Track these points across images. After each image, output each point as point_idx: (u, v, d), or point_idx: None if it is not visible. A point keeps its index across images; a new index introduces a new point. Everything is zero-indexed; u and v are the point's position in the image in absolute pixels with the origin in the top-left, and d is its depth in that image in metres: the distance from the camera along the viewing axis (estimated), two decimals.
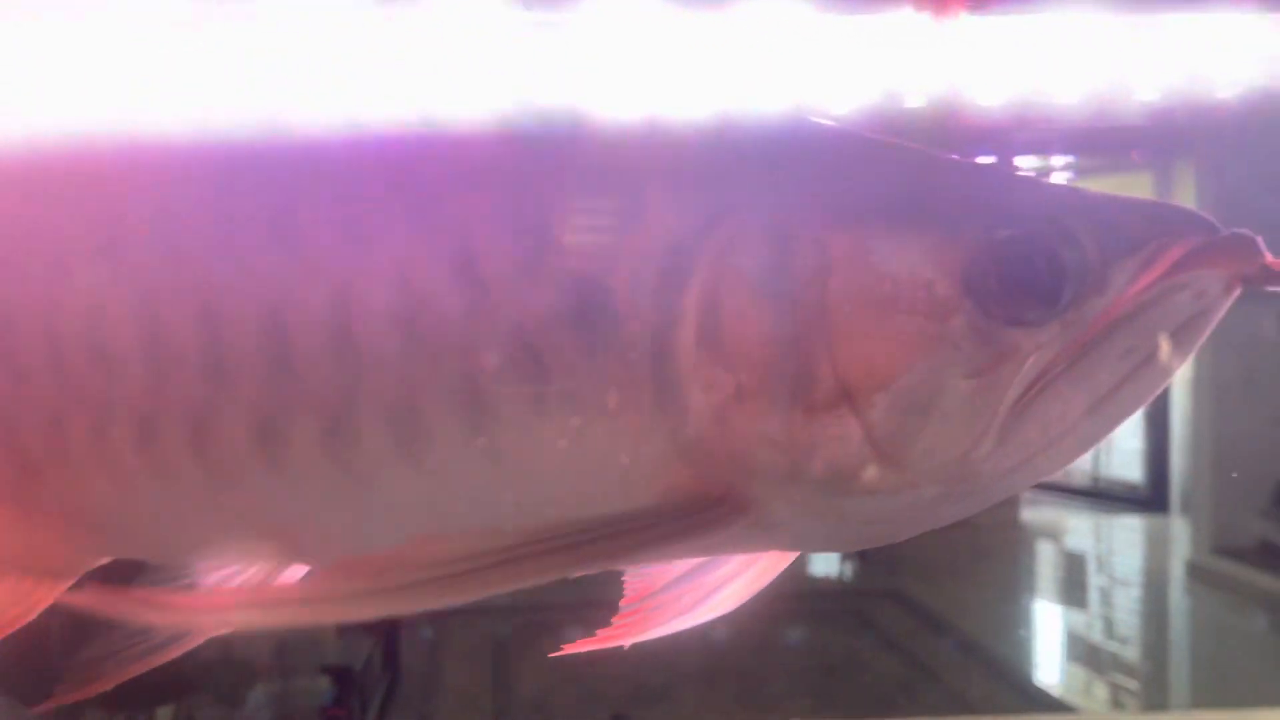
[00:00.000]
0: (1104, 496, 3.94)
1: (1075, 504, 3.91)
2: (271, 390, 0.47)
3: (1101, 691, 3.03)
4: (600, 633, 0.54)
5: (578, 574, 0.43)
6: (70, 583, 0.55)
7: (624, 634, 0.54)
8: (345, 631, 2.56)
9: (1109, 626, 3.18)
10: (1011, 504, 3.55)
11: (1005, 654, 3.17)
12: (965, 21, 0.51)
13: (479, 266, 0.44)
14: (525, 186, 0.45)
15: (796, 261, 0.41)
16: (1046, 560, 3.67)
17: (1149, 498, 3.76)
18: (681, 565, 0.52)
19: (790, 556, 0.51)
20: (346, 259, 0.46)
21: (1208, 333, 0.41)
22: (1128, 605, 3.22)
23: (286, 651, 2.25)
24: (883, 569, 3.65)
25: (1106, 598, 3.30)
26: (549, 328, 0.43)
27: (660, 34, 0.52)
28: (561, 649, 0.54)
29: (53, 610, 0.56)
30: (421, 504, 0.47)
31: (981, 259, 0.40)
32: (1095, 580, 3.39)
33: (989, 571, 3.57)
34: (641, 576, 0.53)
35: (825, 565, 3.74)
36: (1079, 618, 3.25)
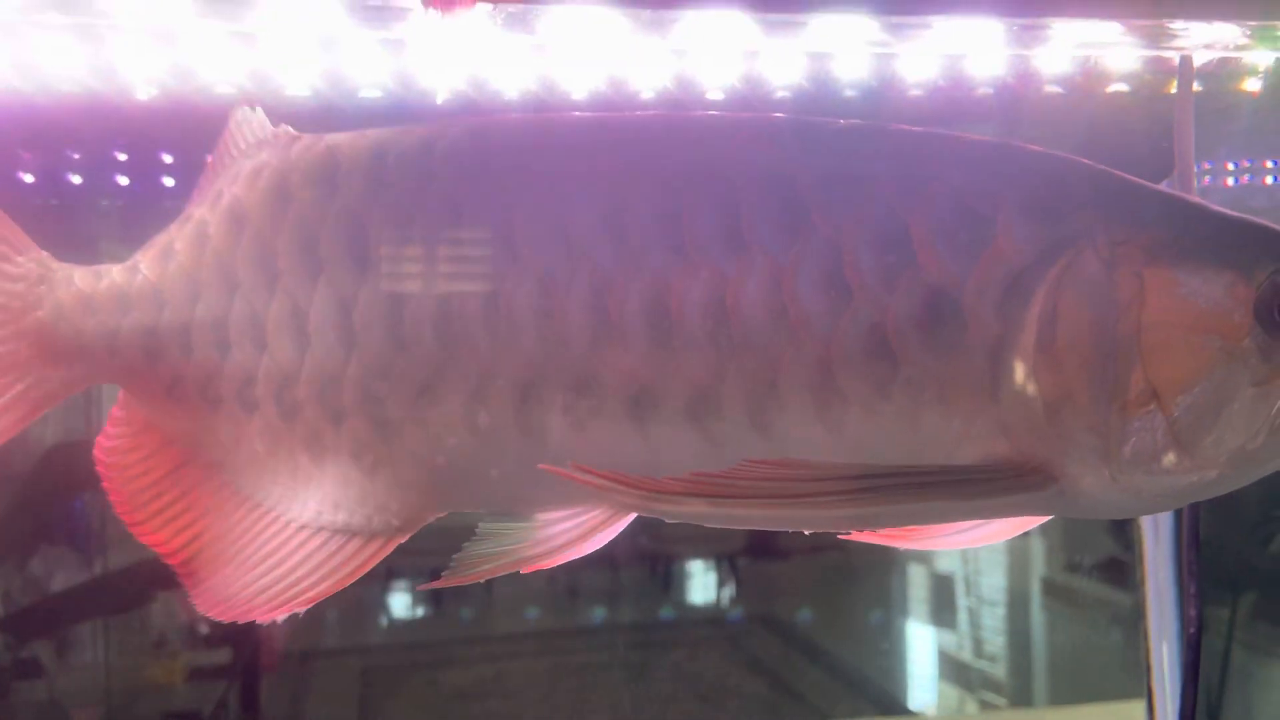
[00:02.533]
0: None
1: None
2: (648, 365, 0.55)
3: (971, 708, 3.11)
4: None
5: (901, 515, 0.53)
6: (400, 541, 0.64)
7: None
8: (194, 674, 2.47)
9: (977, 645, 3.26)
10: None
11: (872, 674, 3.23)
12: (477, 16, 0.54)
13: (845, 274, 0.53)
14: (892, 209, 0.54)
15: (1120, 290, 0.52)
16: (917, 582, 3.75)
17: None
18: None
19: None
20: (730, 258, 0.54)
21: None
22: (994, 624, 3.31)
23: (123, 697, 2.15)
24: (755, 593, 3.69)
25: (974, 617, 3.39)
26: (903, 328, 0.53)
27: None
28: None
29: None
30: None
31: (1269, 295, 0.51)
32: (964, 601, 3.48)
33: (860, 594, 3.64)
34: None
35: (700, 593, 3.76)
36: (948, 637, 3.33)
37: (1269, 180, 0.94)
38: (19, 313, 0.65)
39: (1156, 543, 0.84)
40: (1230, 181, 0.94)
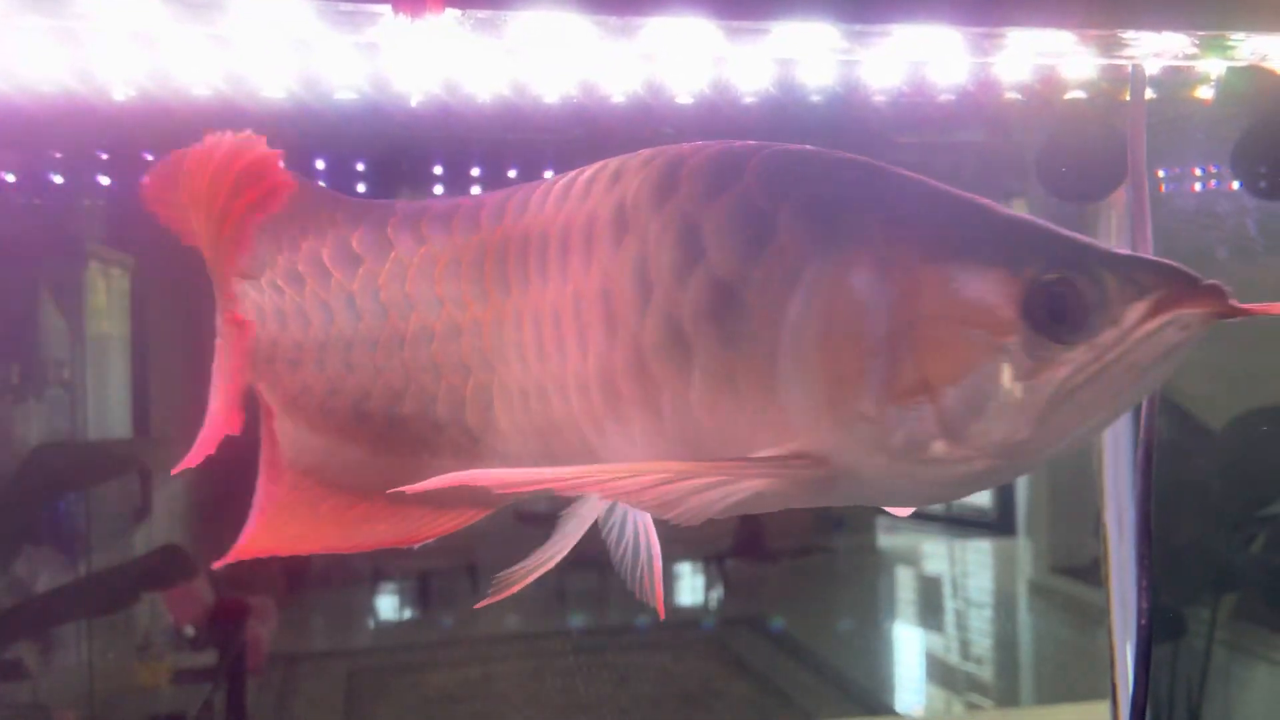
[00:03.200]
0: (956, 521, 4.06)
1: (930, 529, 4.02)
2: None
3: (958, 709, 3.13)
4: None
5: (705, 495, 0.55)
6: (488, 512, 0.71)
7: None
8: (181, 677, 2.46)
9: (964, 647, 3.27)
10: (868, 530, 3.65)
11: (859, 676, 3.24)
12: (446, 21, 0.55)
13: (649, 272, 0.58)
14: (689, 213, 0.58)
15: (894, 285, 0.54)
16: (904, 584, 3.76)
17: (997, 521, 3.89)
18: None
19: None
20: (566, 272, 0.61)
21: (1185, 354, 0.54)
22: (980, 626, 3.32)
23: (107, 701, 2.15)
24: (743, 596, 3.70)
25: (961, 619, 3.40)
26: (696, 320, 0.57)
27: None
28: None
29: None
30: (622, 449, 0.62)
31: (1035, 294, 0.53)
32: (950, 603, 3.50)
33: (847, 597, 3.65)
34: None
35: (688, 595, 3.77)
36: (935, 639, 3.35)
37: (1235, 185, 0.96)
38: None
39: (1120, 542, 0.84)
40: (1198, 187, 0.96)
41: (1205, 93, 0.71)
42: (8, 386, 1.73)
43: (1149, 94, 0.63)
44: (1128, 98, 0.65)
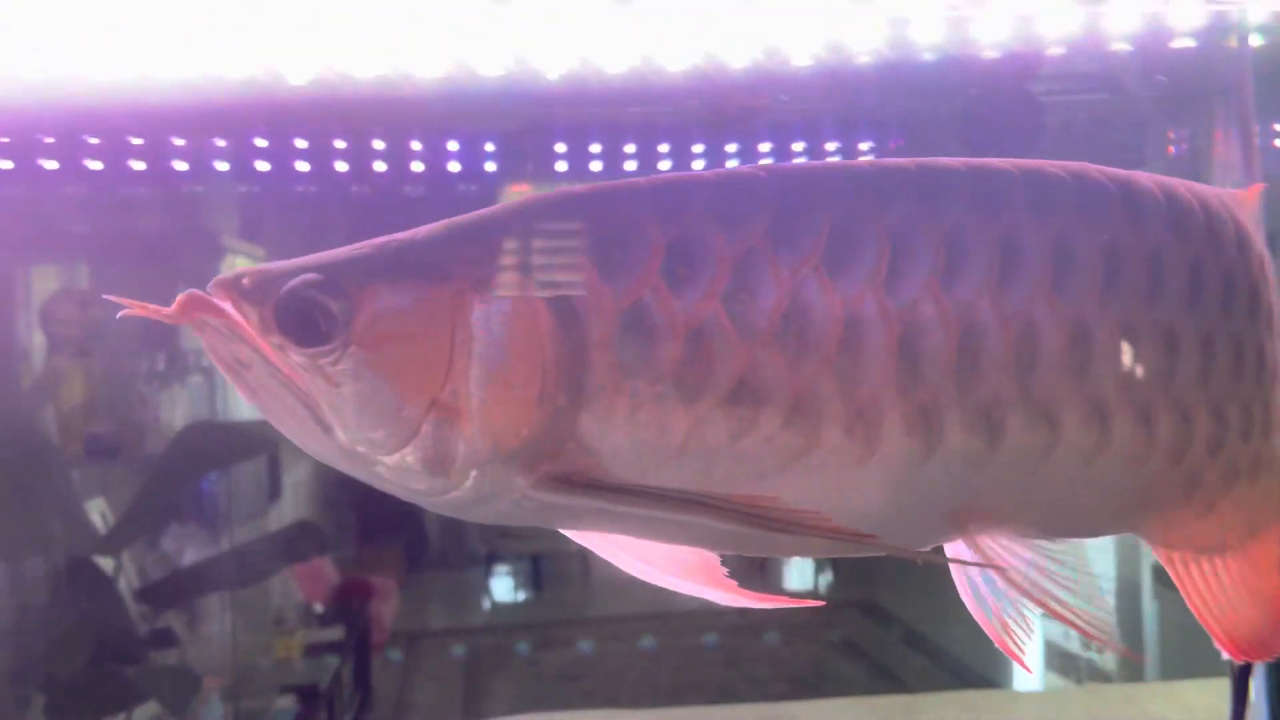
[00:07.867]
0: None
1: None
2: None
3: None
4: None
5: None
6: None
7: None
8: (311, 650, 2.59)
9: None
10: None
11: (975, 663, 3.18)
12: None
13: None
14: None
15: None
16: None
17: None
18: None
19: None
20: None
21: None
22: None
23: (247, 670, 2.27)
24: (856, 580, 3.67)
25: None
26: None
27: None
28: None
29: None
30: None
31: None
32: None
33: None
34: None
35: (799, 578, 3.76)
36: (1055, 626, 3.27)
37: None
38: None
39: None
40: None
41: None
42: (154, 373, 1.84)
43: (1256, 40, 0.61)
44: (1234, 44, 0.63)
